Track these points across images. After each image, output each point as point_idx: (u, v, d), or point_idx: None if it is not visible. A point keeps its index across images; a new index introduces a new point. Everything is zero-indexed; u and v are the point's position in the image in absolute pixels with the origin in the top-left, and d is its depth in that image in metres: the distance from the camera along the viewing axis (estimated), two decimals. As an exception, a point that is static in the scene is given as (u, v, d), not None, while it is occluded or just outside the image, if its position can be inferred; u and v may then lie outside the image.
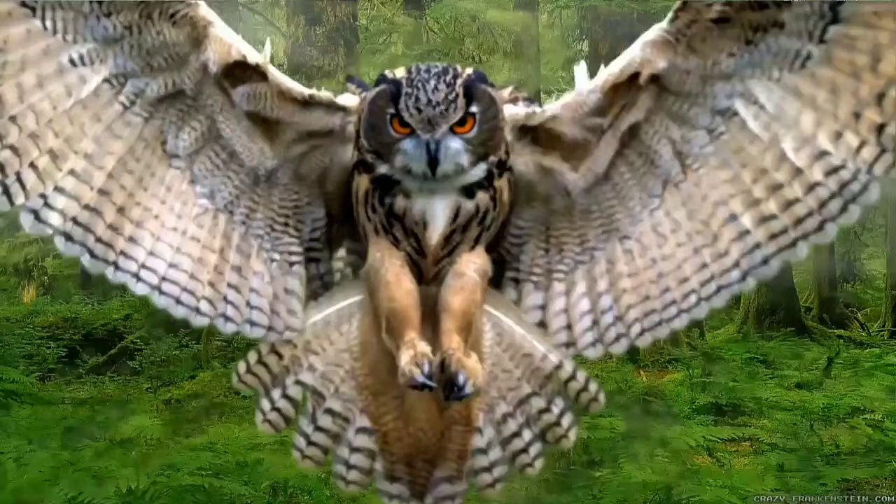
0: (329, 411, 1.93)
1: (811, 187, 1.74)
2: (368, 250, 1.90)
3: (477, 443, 1.94)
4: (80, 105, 1.75)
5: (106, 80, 1.77)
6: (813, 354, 10.95)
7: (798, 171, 1.74)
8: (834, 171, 1.71)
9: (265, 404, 1.92)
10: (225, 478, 4.92)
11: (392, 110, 1.76)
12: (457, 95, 1.74)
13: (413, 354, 1.75)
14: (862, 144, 1.69)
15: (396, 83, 1.76)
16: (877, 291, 16.69)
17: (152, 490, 4.54)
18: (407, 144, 1.77)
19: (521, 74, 11.00)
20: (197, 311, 1.85)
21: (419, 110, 1.73)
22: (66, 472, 4.79)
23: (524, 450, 1.95)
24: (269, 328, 1.91)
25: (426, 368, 1.73)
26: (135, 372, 8.67)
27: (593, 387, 1.96)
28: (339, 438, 1.94)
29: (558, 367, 1.95)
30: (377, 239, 1.87)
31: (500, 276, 1.98)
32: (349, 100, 1.93)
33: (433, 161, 1.75)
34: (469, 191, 1.82)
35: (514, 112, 1.91)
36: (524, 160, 1.91)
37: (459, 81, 1.75)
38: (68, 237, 1.76)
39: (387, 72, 1.82)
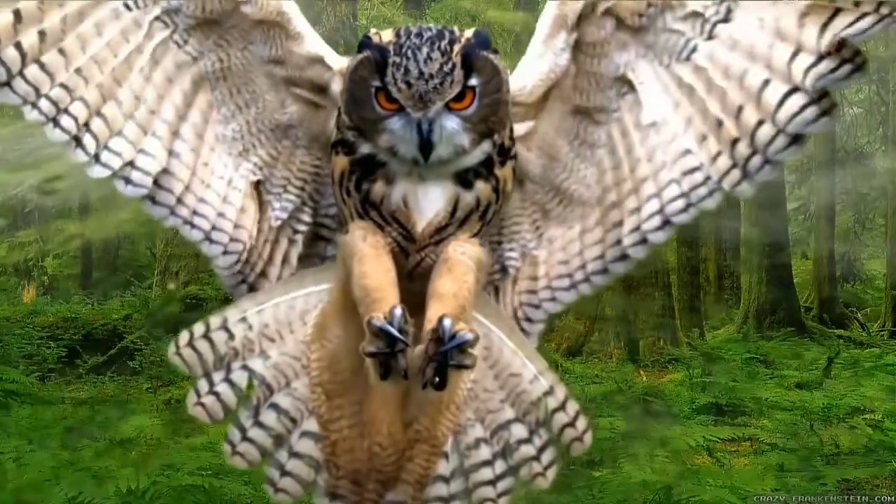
0: (275, 407, 1.70)
1: (668, 183, 1.71)
2: (348, 229, 1.69)
3: (440, 468, 1.70)
4: (137, 50, 1.69)
5: (158, 19, 1.70)
6: (813, 354, 10.95)
7: (662, 165, 1.70)
8: (690, 171, 1.69)
9: (202, 385, 1.70)
10: (225, 478, 4.91)
11: (377, 83, 1.54)
12: (453, 66, 1.51)
13: (382, 311, 1.52)
14: (719, 154, 1.66)
15: (382, 50, 1.53)
16: (877, 291, 16.69)
17: (152, 490, 4.53)
18: (395, 123, 1.55)
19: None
20: (224, 251, 1.78)
21: (409, 84, 1.50)
22: (66, 472, 4.78)
23: (491, 482, 1.71)
24: (241, 277, 1.80)
25: (397, 316, 1.48)
26: (135, 372, 8.66)
27: (581, 424, 1.74)
28: (280, 440, 1.71)
29: (548, 392, 1.72)
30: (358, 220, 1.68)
31: None
32: (340, 61, 1.74)
33: (426, 144, 1.54)
34: (465, 178, 1.62)
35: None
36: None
37: (457, 48, 1.52)
38: (128, 181, 1.72)
39: (371, 34, 1.58)
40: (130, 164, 1.71)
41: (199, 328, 1.72)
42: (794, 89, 1.57)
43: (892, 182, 15.60)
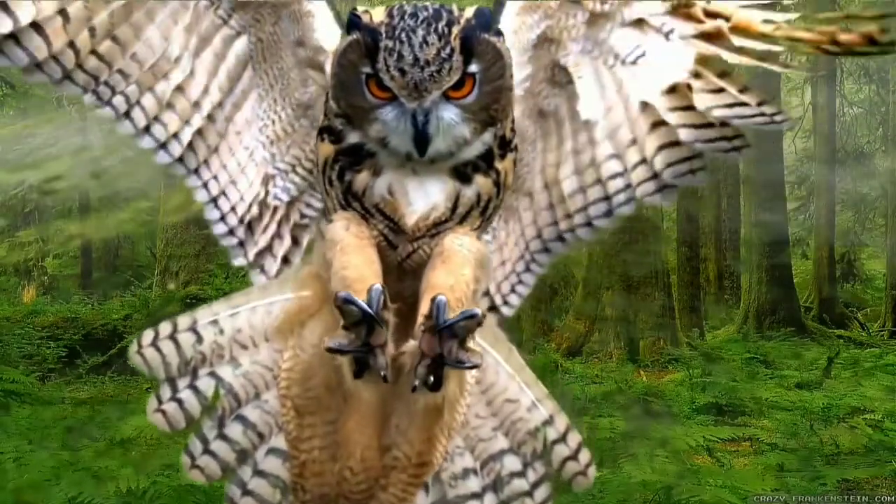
0: (242, 420, 1.58)
1: (595, 182, 1.66)
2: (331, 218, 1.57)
3: (419, 501, 1.55)
4: (185, 30, 1.63)
5: None
6: (813, 354, 10.95)
7: (591, 164, 1.65)
8: (613, 176, 1.64)
9: (164, 390, 1.58)
10: (225, 477, 4.91)
11: (368, 69, 1.41)
12: (452, 51, 1.38)
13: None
14: (640, 162, 1.61)
15: (373, 32, 1.40)
16: (877, 291, 16.69)
17: (152, 490, 4.53)
18: (387, 114, 1.44)
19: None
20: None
21: (403, 72, 1.38)
22: (66, 472, 4.78)
23: None
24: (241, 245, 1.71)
25: (375, 294, 1.34)
26: (135, 372, 8.60)
27: (584, 457, 1.61)
28: (245, 456, 1.58)
29: (547, 422, 1.60)
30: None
31: None
32: (332, 40, 1.60)
33: (421, 137, 1.42)
34: (462, 173, 1.51)
35: None
36: None
37: (455, 31, 1.39)
38: (166, 149, 1.66)
39: (360, 12, 1.45)
40: (175, 135, 1.66)
41: (165, 328, 1.59)
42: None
43: (892, 182, 15.60)
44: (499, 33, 1.48)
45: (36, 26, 1.50)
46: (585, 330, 10.87)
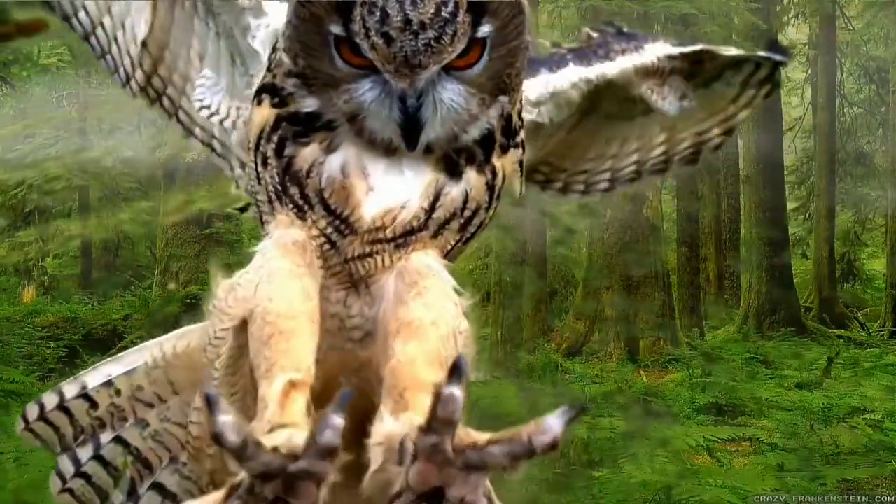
0: (158, 488, 1.35)
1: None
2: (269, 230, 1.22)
3: None
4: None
5: None
6: (813, 354, 10.94)
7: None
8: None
9: (65, 464, 1.36)
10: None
11: (339, 29, 1.05)
12: (457, 8, 1.02)
13: (285, 392, 0.98)
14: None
15: None
16: (877, 291, 16.68)
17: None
18: (364, 91, 1.09)
19: (521, 74, 10.98)
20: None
21: (389, 39, 1.01)
22: (66, 472, 4.78)
23: None
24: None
25: (329, 430, 0.85)
26: (135, 372, 8.66)
27: None
28: None
29: None
30: (279, 209, 1.17)
31: None
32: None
33: (412, 124, 1.08)
34: (452, 161, 1.14)
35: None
36: None
37: None
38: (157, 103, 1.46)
39: None
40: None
41: (50, 399, 1.39)
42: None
43: (892, 182, 15.59)
44: None
45: None
46: (585, 330, 10.87)
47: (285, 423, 0.95)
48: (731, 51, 1.49)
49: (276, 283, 1.11)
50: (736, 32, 11.88)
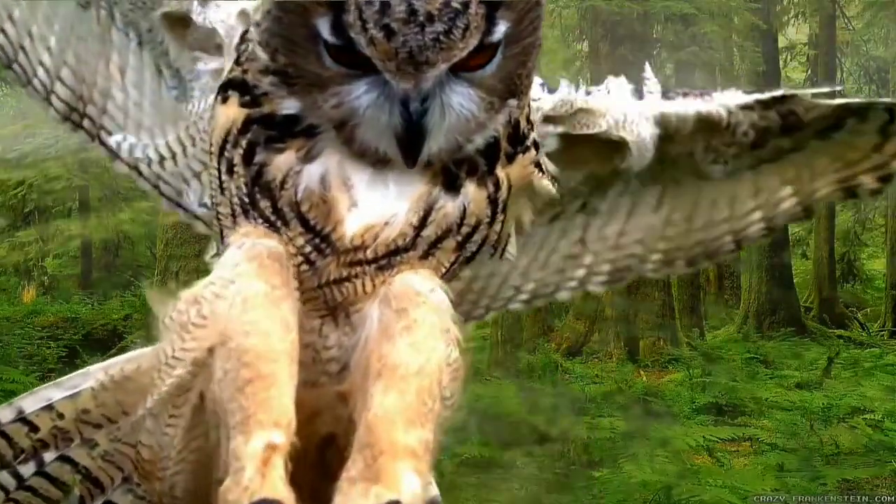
0: None
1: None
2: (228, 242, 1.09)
3: None
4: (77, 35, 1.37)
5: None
6: (813, 354, 10.94)
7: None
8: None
9: (6, 479, 1.27)
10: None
11: (328, 23, 0.93)
12: None
13: (265, 457, 0.91)
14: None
15: None
16: (877, 291, 16.68)
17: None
18: (359, 96, 0.96)
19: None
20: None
21: (390, 32, 0.89)
22: (66, 472, 4.79)
23: None
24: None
25: None
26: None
27: None
28: None
29: None
30: (245, 224, 1.06)
31: None
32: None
33: (414, 134, 0.95)
34: (450, 173, 1.02)
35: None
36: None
37: None
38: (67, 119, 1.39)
39: None
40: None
41: None
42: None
43: (892, 182, 15.56)
44: None
45: None
46: (585, 330, 10.87)
47: (267, 498, 0.90)
48: (833, 101, 1.31)
49: (252, 312, 0.98)
50: (736, 32, 11.89)
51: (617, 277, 1.42)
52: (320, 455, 1.05)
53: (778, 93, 1.29)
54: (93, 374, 1.28)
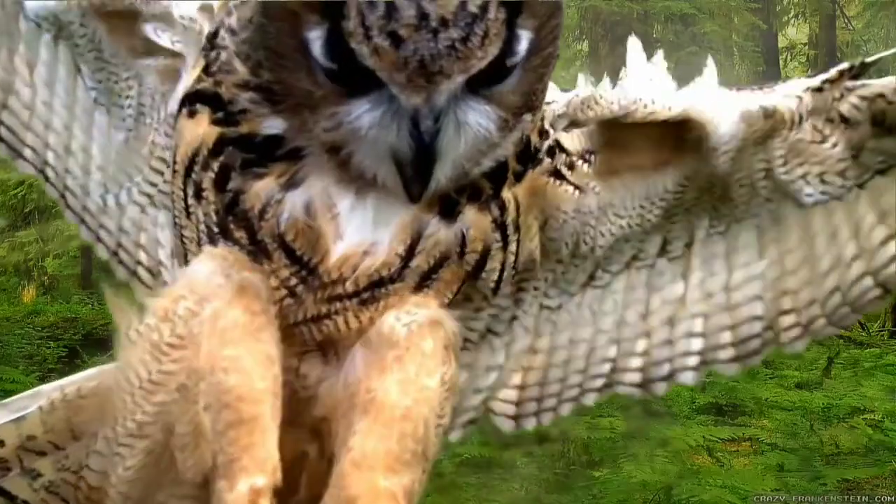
0: None
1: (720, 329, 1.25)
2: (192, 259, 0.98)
3: None
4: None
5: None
6: (813, 354, 10.92)
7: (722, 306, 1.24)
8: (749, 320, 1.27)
9: None
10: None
11: (321, 29, 0.80)
12: (486, 2, 0.78)
13: (251, 501, 0.86)
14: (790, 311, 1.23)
15: None
16: (877, 291, 16.68)
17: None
18: (359, 116, 0.83)
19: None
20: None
21: (397, 39, 0.76)
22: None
23: None
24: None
25: None
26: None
27: None
28: None
29: None
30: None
31: None
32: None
33: (425, 157, 0.82)
34: (447, 199, 0.91)
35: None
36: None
37: None
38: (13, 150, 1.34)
39: None
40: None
41: None
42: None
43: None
44: None
45: None
46: (585, 330, 10.86)
47: None
48: None
49: (232, 347, 0.88)
50: (736, 32, 11.89)
51: (744, 351, 1.20)
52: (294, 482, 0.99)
53: (844, 65, 1.08)
54: (43, 395, 1.18)
